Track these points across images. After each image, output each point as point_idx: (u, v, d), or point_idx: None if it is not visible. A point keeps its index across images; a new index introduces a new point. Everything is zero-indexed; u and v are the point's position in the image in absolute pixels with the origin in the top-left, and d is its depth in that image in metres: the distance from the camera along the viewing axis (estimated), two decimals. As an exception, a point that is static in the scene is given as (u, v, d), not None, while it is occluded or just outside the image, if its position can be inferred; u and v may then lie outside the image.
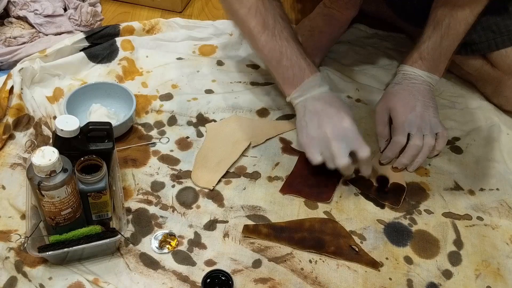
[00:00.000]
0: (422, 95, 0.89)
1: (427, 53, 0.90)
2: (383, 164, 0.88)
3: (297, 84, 0.83)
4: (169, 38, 1.10)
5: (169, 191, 0.82)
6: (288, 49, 0.82)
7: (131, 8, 1.23)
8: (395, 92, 0.91)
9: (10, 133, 0.86)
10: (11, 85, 0.90)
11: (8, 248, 0.72)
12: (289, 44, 0.82)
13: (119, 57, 1.03)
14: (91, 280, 0.69)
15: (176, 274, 0.71)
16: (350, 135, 0.79)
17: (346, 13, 1.09)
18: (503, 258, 0.76)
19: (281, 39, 0.82)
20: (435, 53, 0.90)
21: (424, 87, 0.90)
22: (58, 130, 0.67)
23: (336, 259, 0.74)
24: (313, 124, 0.80)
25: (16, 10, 1.07)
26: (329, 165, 0.80)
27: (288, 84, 0.84)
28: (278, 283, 0.71)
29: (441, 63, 0.92)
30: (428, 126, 0.87)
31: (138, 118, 0.93)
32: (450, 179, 0.87)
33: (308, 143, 0.81)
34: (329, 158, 0.79)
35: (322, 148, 0.80)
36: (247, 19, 0.82)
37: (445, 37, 0.89)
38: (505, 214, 0.82)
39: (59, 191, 0.63)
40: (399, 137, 0.87)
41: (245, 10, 0.81)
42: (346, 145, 0.78)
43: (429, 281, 0.73)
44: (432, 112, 0.89)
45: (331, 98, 0.82)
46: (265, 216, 0.79)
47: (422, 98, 0.89)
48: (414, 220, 0.80)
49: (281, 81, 0.85)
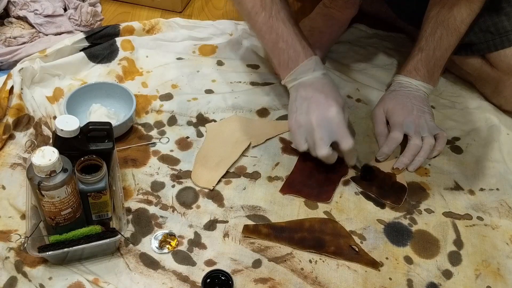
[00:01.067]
0: (418, 100, 0.91)
1: (421, 65, 0.92)
2: (379, 161, 0.88)
3: (291, 67, 0.83)
4: (169, 38, 1.10)
5: (169, 191, 0.82)
6: (285, 31, 0.82)
7: (131, 8, 1.23)
8: (392, 97, 0.92)
9: (10, 133, 0.86)
10: (11, 85, 0.90)
11: (8, 248, 0.72)
12: (285, 26, 0.82)
13: (119, 57, 1.03)
14: (91, 280, 0.69)
15: (176, 274, 0.71)
16: (334, 124, 0.79)
17: (346, 13, 1.09)
18: (503, 258, 0.76)
19: (278, 21, 0.82)
20: (429, 65, 0.92)
21: (419, 94, 0.92)
22: (58, 130, 0.67)
23: (336, 259, 0.74)
24: (302, 111, 0.81)
25: (16, 10, 1.07)
26: (312, 153, 0.81)
27: (283, 67, 0.84)
28: (278, 283, 0.71)
29: (435, 73, 0.93)
30: (426, 128, 0.88)
31: (138, 118, 0.93)
32: (450, 179, 0.87)
33: (295, 129, 0.82)
34: (312, 146, 0.80)
35: (307, 136, 0.80)
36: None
37: (437, 49, 0.90)
38: (505, 214, 0.82)
39: (59, 191, 0.63)
40: (396, 133, 0.87)
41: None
42: (328, 135, 0.78)
43: (429, 281, 0.73)
44: (429, 117, 0.90)
45: (323, 84, 0.82)
46: (265, 216, 0.79)
47: (418, 104, 0.90)
48: (414, 220, 0.80)
49: (276, 63, 0.86)
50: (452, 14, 0.87)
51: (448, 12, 0.88)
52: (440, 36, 0.89)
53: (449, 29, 0.89)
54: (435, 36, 0.90)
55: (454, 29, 0.89)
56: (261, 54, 1.10)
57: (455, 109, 1.01)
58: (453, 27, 0.88)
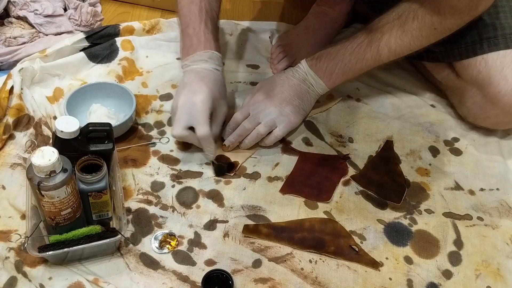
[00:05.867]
0: (293, 90, 0.88)
1: (325, 57, 0.88)
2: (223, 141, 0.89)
3: (189, 53, 0.86)
4: (169, 38, 1.10)
5: (169, 191, 0.82)
6: (198, 20, 0.85)
7: (131, 8, 1.23)
8: (272, 78, 0.92)
9: (10, 133, 0.86)
10: (11, 85, 0.90)
11: (8, 248, 0.72)
12: (200, 15, 0.85)
13: (119, 57, 1.03)
14: (91, 280, 0.69)
15: (176, 274, 0.71)
16: (195, 110, 0.80)
17: (338, 8, 1.09)
18: (503, 258, 0.76)
19: (197, 8, 0.86)
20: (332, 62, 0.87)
21: (302, 86, 0.89)
22: (58, 131, 0.67)
23: (336, 259, 0.74)
24: (178, 94, 0.83)
25: (16, 10, 1.07)
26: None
27: (184, 51, 0.87)
28: (278, 283, 0.71)
29: (335, 74, 0.87)
30: (270, 117, 0.86)
31: (138, 118, 0.93)
32: (451, 179, 0.87)
33: (172, 112, 0.84)
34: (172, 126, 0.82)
35: (172, 117, 0.83)
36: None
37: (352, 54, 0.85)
38: (505, 214, 0.82)
39: (59, 191, 0.63)
40: (237, 114, 0.89)
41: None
42: (186, 119, 0.80)
43: (429, 281, 0.73)
44: (290, 110, 0.87)
45: (207, 75, 0.84)
46: (265, 216, 0.79)
47: (290, 93, 0.88)
48: (414, 220, 0.80)
49: (181, 46, 0.88)
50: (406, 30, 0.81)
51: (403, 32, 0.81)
52: (365, 43, 0.83)
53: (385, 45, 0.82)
54: (361, 42, 0.84)
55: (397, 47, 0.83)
56: (261, 54, 1.10)
57: (455, 109, 1.00)
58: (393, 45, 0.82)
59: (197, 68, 0.84)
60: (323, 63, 0.88)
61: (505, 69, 0.84)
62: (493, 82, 0.85)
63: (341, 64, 0.86)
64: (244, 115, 0.88)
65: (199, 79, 0.82)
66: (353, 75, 0.88)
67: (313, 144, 0.91)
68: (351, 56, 0.85)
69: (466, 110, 0.94)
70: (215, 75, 0.85)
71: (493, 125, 0.92)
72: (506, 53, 0.85)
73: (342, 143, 0.92)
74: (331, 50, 0.88)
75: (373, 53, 0.84)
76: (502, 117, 0.88)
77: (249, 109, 0.88)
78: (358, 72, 0.87)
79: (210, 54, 0.85)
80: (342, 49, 0.86)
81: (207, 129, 0.80)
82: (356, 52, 0.85)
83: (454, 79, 0.94)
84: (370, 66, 0.86)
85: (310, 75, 0.89)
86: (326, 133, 0.93)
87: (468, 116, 0.94)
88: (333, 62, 0.87)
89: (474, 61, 0.88)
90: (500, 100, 0.85)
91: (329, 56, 0.87)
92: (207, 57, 0.85)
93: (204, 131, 0.80)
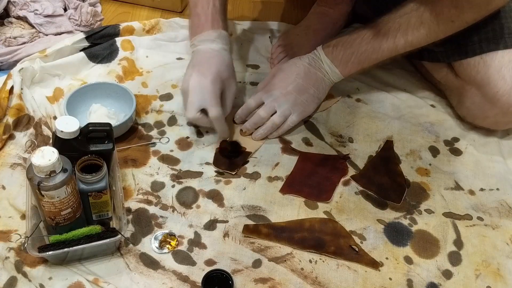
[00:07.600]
0: (308, 79, 0.89)
1: (342, 45, 0.88)
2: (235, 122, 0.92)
3: (197, 33, 0.86)
4: (169, 38, 1.10)
5: (169, 191, 0.82)
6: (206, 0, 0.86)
7: (131, 8, 1.23)
8: (289, 64, 0.92)
9: (10, 133, 0.86)
10: (11, 85, 0.90)
11: (8, 248, 0.72)
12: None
13: (119, 57, 1.03)
14: (91, 280, 0.69)
15: (176, 274, 0.71)
16: (206, 92, 0.81)
17: (338, 9, 1.10)
18: (503, 258, 0.76)
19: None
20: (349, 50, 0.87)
21: (318, 74, 0.89)
22: (58, 131, 0.67)
23: (336, 259, 0.74)
24: (188, 76, 0.84)
25: (16, 10, 1.07)
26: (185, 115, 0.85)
27: (192, 31, 0.88)
28: (278, 283, 0.71)
29: (350, 63, 0.88)
30: (285, 106, 0.87)
31: (138, 118, 0.94)
32: (451, 179, 0.87)
33: (183, 95, 0.85)
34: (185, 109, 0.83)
35: (184, 99, 0.84)
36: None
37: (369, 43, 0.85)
38: (505, 214, 0.82)
39: (59, 191, 0.63)
40: (250, 100, 0.89)
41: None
42: (199, 101, 0.81)
43: (429, 281, 0.73)
44: (305, 99, 0.88)
45: (215, 56, 0.85)
46: (265, 216, 0.79)
47: (304, 82, 0.88)
48: (414, 220, 0.80)
49: (190, 25, 0.89)
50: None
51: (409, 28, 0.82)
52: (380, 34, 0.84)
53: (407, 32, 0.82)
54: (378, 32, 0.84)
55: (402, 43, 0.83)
56: (261, 54, 1.10)
57: (455, 108, 1.01)
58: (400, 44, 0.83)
59: (205, 49, 0.85)
60: (339, 51, 0.88)
61: (504, 69, 0.84)
62: (491, 82, 0.85)
63: (357, 53, 0.87)
64: (257, 101, 0.89)
65: (206, 60, 0.84)
66: (368, 64, 0.89)
67: (313, 144, 0.91)
68: (367, 46, 0.86)
69: (465, 110, 0.94)
70: (222, 54, 0.86)
71: (492, 125, 0.92)
72: (504, 53, 0.85)
73: (342, 143, 0.92)
74: (348, 39, 0.88)
75: (389, 44, 0.84)
76: (501, 117, 0.88)
77: (262, 96, 0.89)
78: (373, 61, 0.88)
79: (218, 33, 0.86)
80: (359, 38, 0.87)
81: (219, 110, 0.81)
82: (372, 42, 0.85)
83: (453, 79, 0.95)
84: (385, 56, 0.86)
85: (326, 63, 0.89)
86: (326, 133, 0.94)
87: (467, 116, 0.94)
88: (350, 51, 0.87)
89: (472, 61, 0.88)
90: (499, 100, 0.85)
91: (346, 45, 0.87)
92: (214, 37, 0.85)
93: (216, 112, 0.81)
